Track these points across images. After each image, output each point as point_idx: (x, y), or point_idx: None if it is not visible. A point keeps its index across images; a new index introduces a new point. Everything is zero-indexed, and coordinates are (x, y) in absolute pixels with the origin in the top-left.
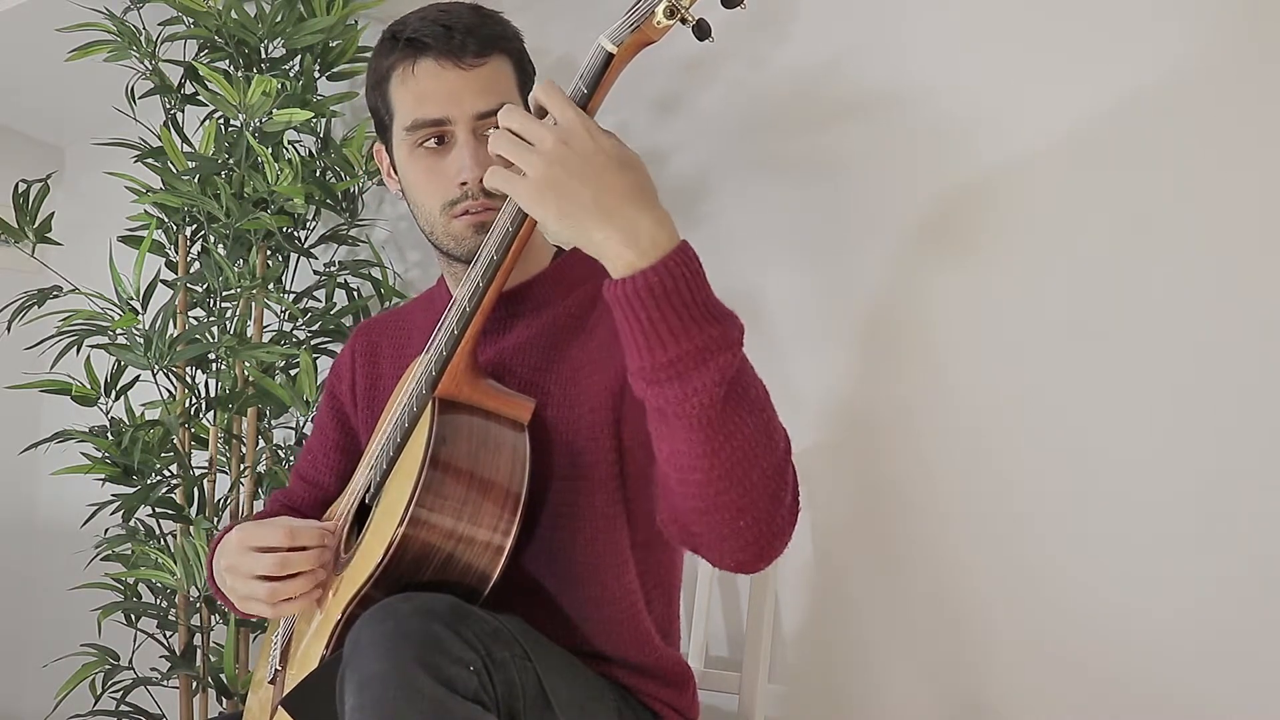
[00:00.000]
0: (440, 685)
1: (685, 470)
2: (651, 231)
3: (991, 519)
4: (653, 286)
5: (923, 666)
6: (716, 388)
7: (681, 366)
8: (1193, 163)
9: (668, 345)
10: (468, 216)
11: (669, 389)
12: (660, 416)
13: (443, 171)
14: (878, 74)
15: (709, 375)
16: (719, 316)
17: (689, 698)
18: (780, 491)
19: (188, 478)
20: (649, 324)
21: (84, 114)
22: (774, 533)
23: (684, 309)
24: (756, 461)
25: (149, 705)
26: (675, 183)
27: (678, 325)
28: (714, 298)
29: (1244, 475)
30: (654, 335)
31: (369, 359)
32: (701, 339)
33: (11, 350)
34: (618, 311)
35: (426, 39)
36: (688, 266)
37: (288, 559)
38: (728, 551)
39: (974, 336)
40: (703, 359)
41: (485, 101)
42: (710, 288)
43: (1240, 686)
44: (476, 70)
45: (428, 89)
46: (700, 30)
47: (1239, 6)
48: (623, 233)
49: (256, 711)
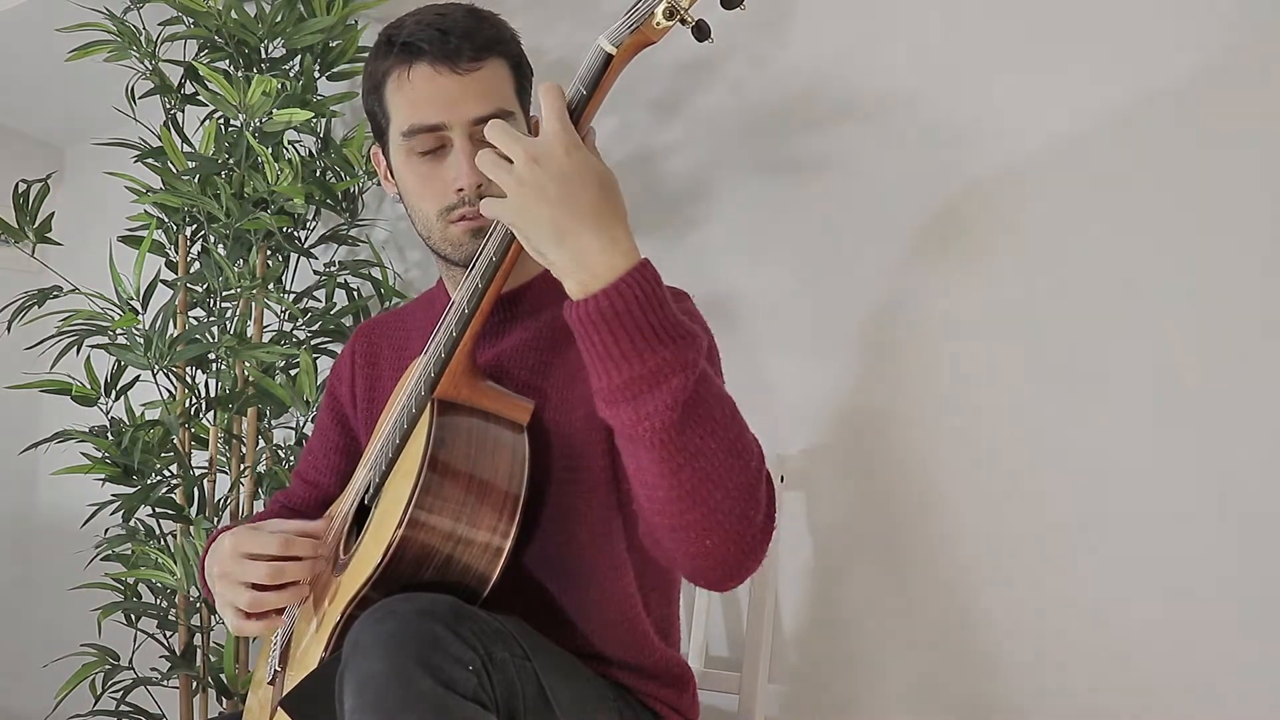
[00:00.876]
0: (439, 685)
1: (649, 488)
2: (605, 253)
3: (991, 519)
4: (603, 310)
5: (923, 667)
6: (669, 411)
7: (635, 389)
8: (1193, 162)
9: (621, 368)
10: (464, 222)
11: (623, 410)
12: (623, 436)
13: (440, 177)
14: (877, 76)
15: (662, 398)
16: (676, 337)
17: (689, 698)
18: (749, 511)
19: (188, 478)
20: (602, 347)
21: (84, 114)
22: (743, 552)
23: (636, 331)
24: (720, 481)
25: (149, 705)
26: (674, 184)
27: (629, 348)
28: (671, 317)
29: (1248, 475)
30: (607, 358)
31: (368, 360)
32: (655, 361)
33: (11, 350)
34: (576, 333)
35: (422, 44)
36: (641, 288)
37: (282, 569)
38: (698, 570)
39: (974, 337)
40: (655, 382)
41: (481, 107)
42: (670, 307)
43: (1244, 688)
44: (472, 75)
45: (423, 95)
46: (700, 31)
47: (1239, 7)
48: (576, 255)
49: (256, 711)
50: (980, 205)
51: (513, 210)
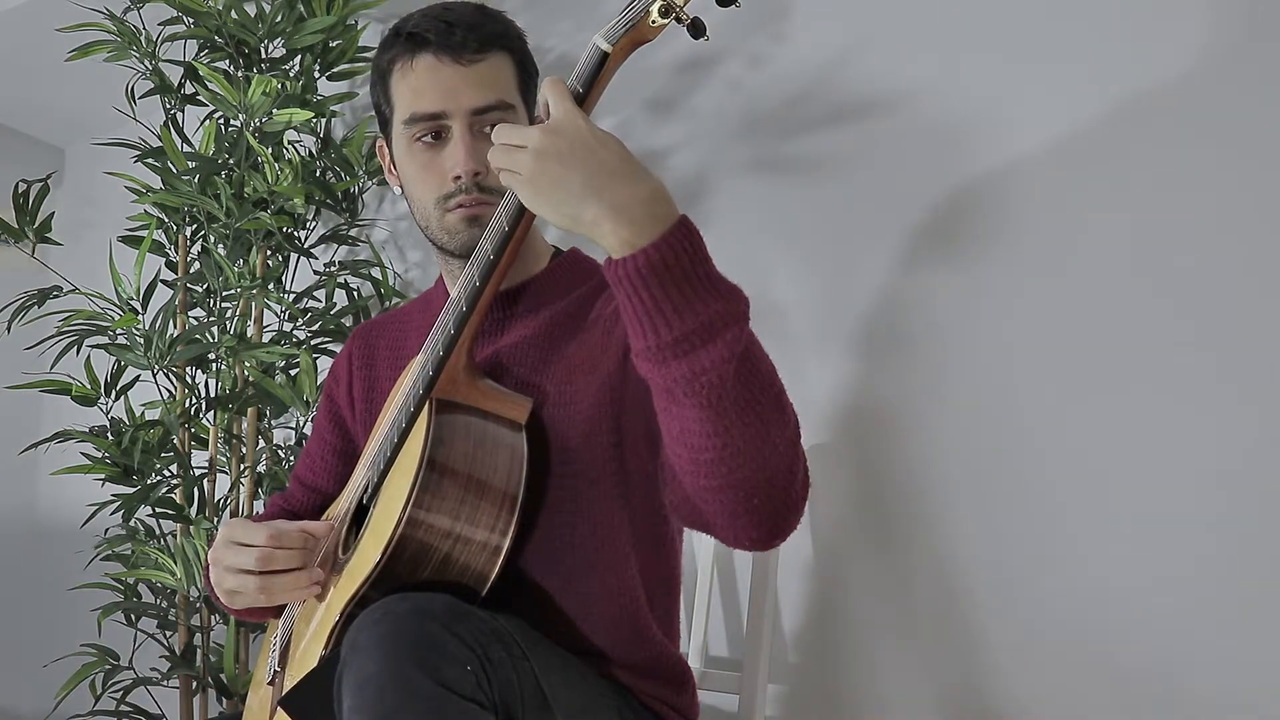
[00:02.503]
0: (437, 685)
1: (697, 450)
2: (647, 205)
3: (992, 519)
4: (654, 263)
5: (923, 667)
6: (726, 364)
7: (688, 344)
8: (1192, 162)
9: (672, 323)
10: (461, 210)
11: (676, 367)
12: (669, 396)
13: (438, 165)
14: (876, 74)
15: (718, 352)
16: (724, 291)
17: (689, 697)
18: (794, 465)
19: (188, 478)
20: (651, 302)
21: (84, 114)
22: (788, 508)
23: (686, 284)
24: (769, 437)
25: (149, 705)
26: (673, 184)
27: (681, 301)
28: (716, 271)
29: (1246, 471)
30: (657, 313)
31: (365, 361)
32: (707, 314)
33: (11, 350)
34: (619, 291)
35: (428, 34)
36: (689, 239)
37: (271, 554)
38: (742, 529)
39: (974, 336)
40: (710, 335)
41: (482, 97)
42: (712, 261)
43: (1246, 685)
44: (475, 66)
45: (425, 83)
46: (695, 29)
47: (1239, 6)
48: (616, 210)
49: (256, 711)
50: (979, 204)
51: (536, 180)
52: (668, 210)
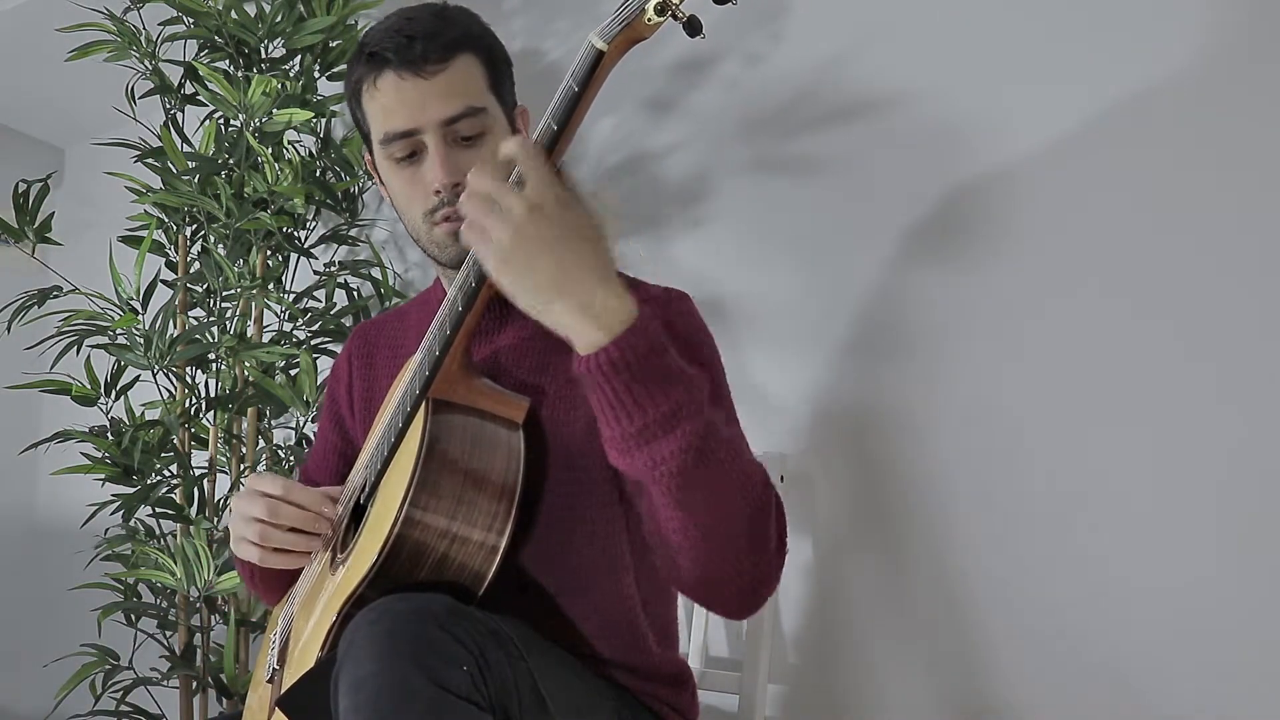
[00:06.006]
0: (434, 685)
1: (664, 530)
2: (610, 305)
3: (992, 519)
4: (615, 361)
5: (923, 667)
6: (685, 453)
7: (649, 434)
8: (1192, 162)
9: (634, 415)
10: (447, 224)
11: (639, 456)
12: (639, 485)
13: (419, 180)
14: (875, 73)
15: (676, 442)
16: (682, 381)
17: (688, 697)
18: (762, 542)
19: (188, 478)
20: (614, 395)
21: (84, 114)
22: (759, 581)
23: (646, 378)
24: (734, 517)
25: (149, 705)
26: (671, 184)
27: (643, 394)
28: (674, 362)
29: (1246, 470)
30: (620, 406)
31: (365, 361)
32: (668, 406)
33: (11, 350)
34: (585, 386)
35: (387, 52)
36: (648, 335)
37: (278, 506)
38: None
39: (974, 337)
40: (670, 426)
41: (451, 106)
42: (671, 351)
43: (1244, 688)
44: (439, 76)
45: (392, 102)
46: (691, 27)
47: (1239, 6)
48: (582, 310)
49: (256, 710)
50: (978, 205)
51: (513, 261)
52: (628, 307)
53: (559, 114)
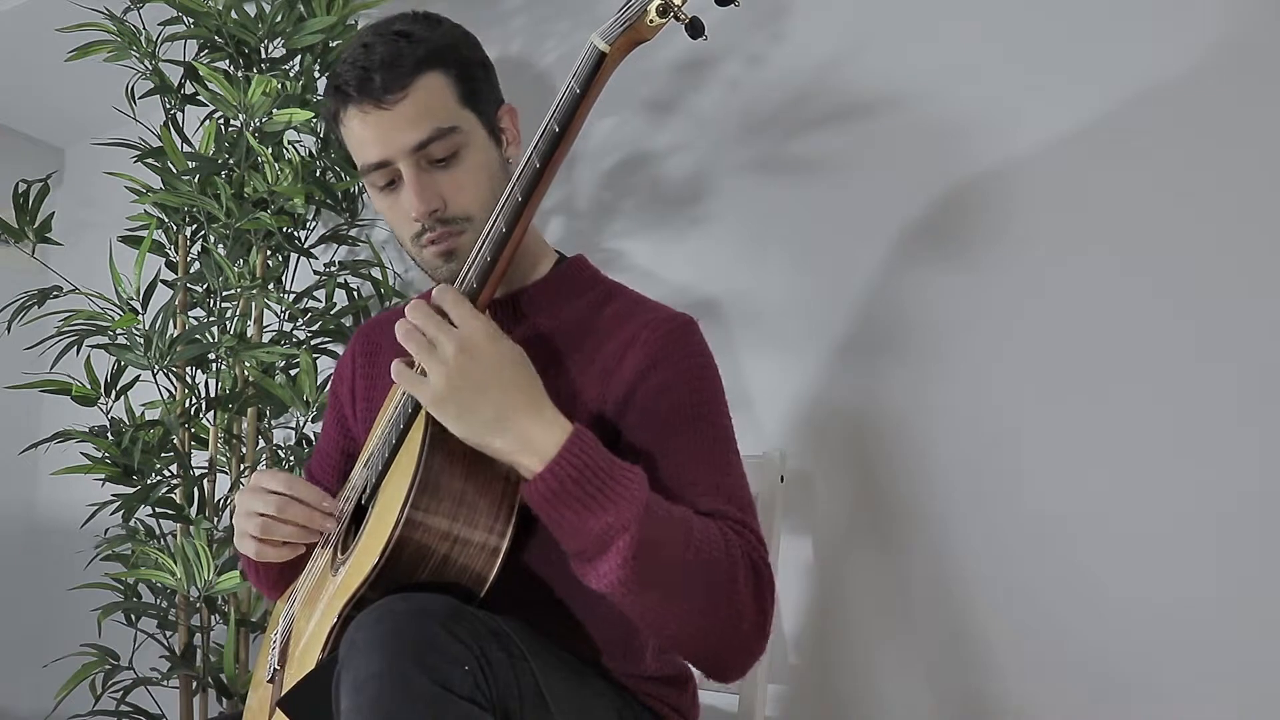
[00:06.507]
0: (436, 685)
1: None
2: (543, 437)
3: (991, 520)
4: (552, 488)
5: (923, 667)
6: (622, 569)
7: (588, 556)
8: (1192, 162)
9: (576, 538)
10: (433, 246)
11: (587, 571)
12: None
13: (401, 208)
14: (875, 74)
15: (612, 559)
16: (614, 500)
17: (689, 697)
18: (733, 620)
19: (188, 478)
20: (556, 521)
21: (84, 114)
22: (736, 651)
23: (578, 504)
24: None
25: (149, 705)
26: (672, 184)
27: (576, 520)
28: (607, 480)
29: (1246, 470)
30: (560, 531)
31: (368, 360)
32: (598, 528)
33: (11, 350)
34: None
35: (349, 88)
36: (579, 457)
37: (285, 503)
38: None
39: (974, 337)
40: (603, 547)
41: (418, 132)
42: (603, 462)
43: (1244, 687)
44: (401, 104)
45: (359, 136)
46: (693, 28)
47: (1239, 6)
48: (524, 443)
49: (256, 710)
50: (979, 205)
51: (448, 404)
52: (558, 435)
53: (561, 116)
